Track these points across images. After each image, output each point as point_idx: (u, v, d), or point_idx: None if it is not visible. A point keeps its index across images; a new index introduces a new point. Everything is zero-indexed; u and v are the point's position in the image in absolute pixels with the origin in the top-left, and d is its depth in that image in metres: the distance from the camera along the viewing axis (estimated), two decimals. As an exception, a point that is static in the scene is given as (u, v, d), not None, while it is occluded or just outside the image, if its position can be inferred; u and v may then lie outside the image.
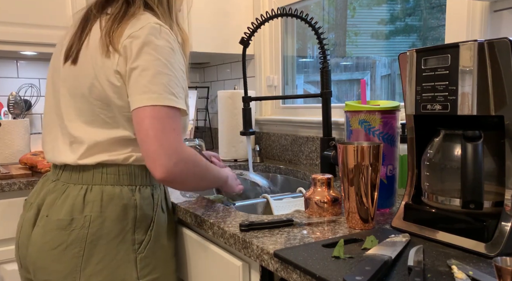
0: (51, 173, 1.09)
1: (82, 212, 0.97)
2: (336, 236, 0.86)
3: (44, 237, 0.98)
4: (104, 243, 0.97)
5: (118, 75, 0.95)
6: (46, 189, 1.04)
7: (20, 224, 1.08)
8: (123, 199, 1.00)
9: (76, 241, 0.96)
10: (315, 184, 1.04)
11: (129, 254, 0.99)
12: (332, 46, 1.91)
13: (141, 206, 1.02)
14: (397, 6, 1.65)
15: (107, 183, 1.00)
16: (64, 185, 1.02)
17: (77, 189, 1.00)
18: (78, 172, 1.01)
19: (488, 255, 0.72)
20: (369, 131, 1.02)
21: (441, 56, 0.79)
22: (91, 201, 0.98)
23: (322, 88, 1.48)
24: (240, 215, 1.03)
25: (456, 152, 0.80)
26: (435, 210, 0.83)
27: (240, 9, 2.05)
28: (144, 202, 1.03)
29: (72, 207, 0.98)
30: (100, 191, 0.99)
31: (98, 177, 1.00)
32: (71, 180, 1.01)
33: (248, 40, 1.48)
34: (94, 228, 0.97)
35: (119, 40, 0.94)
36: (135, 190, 1.02)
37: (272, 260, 0.78)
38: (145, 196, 1.03)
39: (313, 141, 1.70)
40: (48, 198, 1.02)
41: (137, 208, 1.01)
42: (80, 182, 1.00)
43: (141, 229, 1.02)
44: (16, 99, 1.92)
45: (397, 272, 0.67)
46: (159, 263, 1.04)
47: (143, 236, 1.02)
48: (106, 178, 1.00)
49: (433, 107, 0.80)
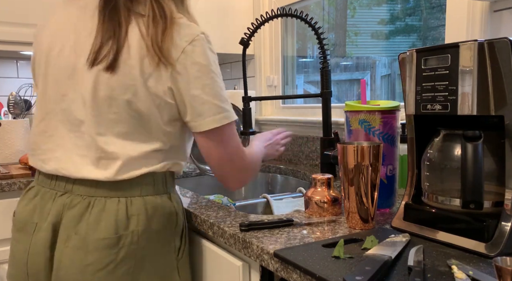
0: (45, 184, 0.97)
1: (127, 227, 0.91)
2: (336, 236, 0.86)
3: (86, 258, 0.89)
4: (152, 255, 0.94)
5: (170, 91, 0.92)
6: (55, 205, 0.93)
7: (21, 249, 0.95)
8: (165, 208, 0.97)
9: (126, 258, 0.90)
10: (315, 184, 1.04)
11: (173, 261, 0.99)
12: (332, 46, 1.91)
13: (178, 212, 1.00)
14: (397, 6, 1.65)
15: (147, 193, 0.95)
16: (86, 199, 0.92)
17: (113, 203, 0.92)
18: (108, 185, 0.92)
19: (488, 255, 0.71)
20: (369, 131, 1.02)
21: (441, 56, 0.79)
22: (135, 214, 0.92)
23: (322, 88, 1.48)
24: (240, 215, 1.03)
25: (456, 152, 0.80)
26: (435, 210, 0.83)
27: (240, 9, 2.05)
28: (178, 207, 1.01)
29: (116, 223, 0.90)
30: (143, 203, 0.94)
31: (136, 189, 0.94)
32: (96, 193, 0.92)
33: (248, 40, 1.48)
34: (143, 243, 0.92)
35: (170, 53, 0.90)
36: (171, 197, 1.00)
37: (272, 260, 0.78)
38: (178, 201, 1.03)
39: (313, 141, 1.70)
40: (68, 215, 0.92)
41: (177, 215, 0.99)
42: (114, 195, 0.92)
43: (178, 234, 1.01)
44: (16, 99, 1.92)
45: (397, 272, 0.67)
46: (188, 263, 1.05)
47: (180, 241, 1.01)
48: (146, 189, 0.95)
49: (433, 107, 0.80)
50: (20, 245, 0.96)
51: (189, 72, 0.91)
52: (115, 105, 0.91)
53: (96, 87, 0.91)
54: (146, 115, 0.92)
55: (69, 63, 0.94)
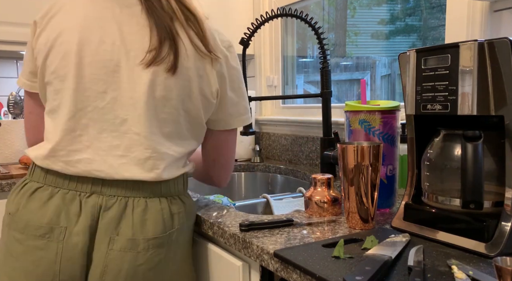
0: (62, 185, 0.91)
1: (172, 226, 0.93)
2: (336, 236, 0.86)
3: (137, 259, 0.88)
4: (185, 252, 1.00)
5: (216, 93, 0.99)
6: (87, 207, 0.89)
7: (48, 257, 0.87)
8: (191, 206, 1.03)
9: (172, 256, 0.93)
10: (315, 184, 1.04)
11: (190, 255, 1.04)
12: (332, 46, 1.91)
13: (190, 212, 1.03)
14: (397, 6, 1.65)
15: (180, 193, 0.99)
16: (122, 200, 0.90)
17: (155, 202, 0.91)
18: (146, 185, 0.91)
19: (488, 255, 0.71)
20: (369, 131, 1.02)
21: (441, 56, 0.79)
22: (176, 213, 0.95)
23: (322, 88, 1.48)
24: (240, 215, 1.03)
25: (456, 152, 0.80)
26: (435, 210, 0.83)
27: (240, 9, 2.05)
28: (189, 208, 1.02)
29: (164, 222, 0.91)
30: (181, 202, 0.97)
31: (173, 189, 0.96)
32: (133, 193, 0.90)
33: (248, 40, 1.48)
34: (183, 239, 0.97)
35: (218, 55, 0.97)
36: (188, 196, 1.04)
37: (272, 260, 0.78)
38: (187, 203, 1.02)
39: (313, 141, 1.70)
40: (105, 217, 0.88)
41: (192, 216, 1.04)
42: (153, 195, 0.92)
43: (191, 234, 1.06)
44: (16, 99, 1.92)
45: (397, 272, 0.67)
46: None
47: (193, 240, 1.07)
48: (179, 189, 0.99)
49: (433, 107, 0.80)
50: (45, 252, 0.88)
51: (229, 75, 1.00)
52: (169, 105, 0.92)
53: (153, 87, 0.89)
54: (194, 115, 0.97)
55: (112, 59, 0.90)
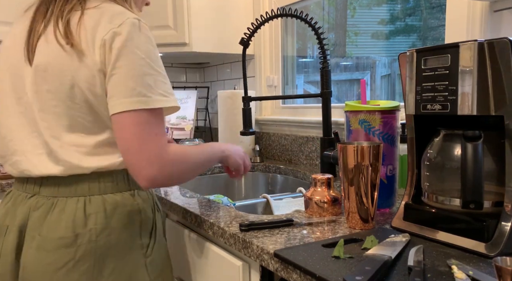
0: (19, 188, 0.99)
1: (85, 225, 0.91)
2: (336, 236, 0.86)
3: (46, 258, 0.90)
4: (114, 254, 0.93)
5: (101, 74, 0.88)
6: (23, 207, 0.94)
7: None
8: (126, 206, 0.95)
9: (84, 256, 0.90)
10: (315, 184, 1.04)
11: (140, 259, 0.96)
12: (332, 46, 1.91)
13: (144, 209, 0.98)
14: (397, 6, 1.65)
15: (106, 191, 0.94)
16: (50, 200, 0.93)
17: (72, 202, 0.92)
18: (69, 184, 0.93)
19: (488, 255, 0.72)
20: (369, 131, 1.02)
21: (441, 56, 0.79)
22: (93, 212, 0.92)
23: (322, 88, 1.48)
24: (240, 215, 1.03)
25: (456, 152, 0.80)
26: (435, 210, 0.83)
27: (240, 9, 2.05)
28: (145, 205, 0.99)
29: (74, 222, 0.91)
30: (101, 201, 0.93)
31: (94, 187, 0.94)
32: (59, 193, 0.93)
33: (248, 40, 1.48)
34: (102, 240, 0.92)
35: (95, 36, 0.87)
36: (135, 194, 0.98)
37: (272, 260, 0.78)
38: (145, 198, 1.00)
39: (313, 141, 1.70)
40: (33, 216, 0.92)
41: (141, 212, 0.98)
42: (74, 194, 0.93)
43: (146, 232, 0.99)
44: (16, 99, 1.92)
45: (397, 272, 0.67)
46: (164, 263, 1.03)
47: (148, 239, 0.99)
48: (104, 187, 0.94)
49: (433, 107, 0.80)
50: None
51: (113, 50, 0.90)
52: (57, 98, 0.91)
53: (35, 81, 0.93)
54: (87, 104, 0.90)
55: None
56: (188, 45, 1.93)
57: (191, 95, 2.35)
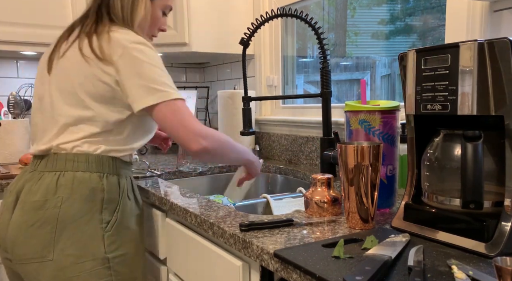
0: (30, 165, 1.20)
1: (55, 194, 1.09)
2: (336, 236, 0.86)
3: (22, 217, 1.10)
4: (74, 221, 1.08)
5: None
6: (24, 179, 1.16)
7: (0, 210, 1.19)
8: (91, 183, 1.12)
9: (49, 219, 1.08)
10: (315, 184, 1.04)
11: (97, 231, 1.10)
12: (332, 46, 1.91)
13: (108, 190, 1.13)
14: (397, 6, 1.65)
15: (78, 169, 1.12)
16: (40, 173, 1.13)
17: (51, 175, 1.12)
18: (52, 160, 1.13)
19: (488, 255, 0.72)
20: (369, 131, 1.02)
21: (441, 56, 0.79)
22: (63, 184, 1.10)
23: (322, 88, 1.48)
24: (240, 215, 1.03)
25: (456, 152, 0.80)
26: (435, 210, 0.83)
27: (240, 9, 2.05)
28: (111, 187, 1.14)
29: (47, 190, 1.09)
30: (72, 176, 1.11)
31: (70, 165, 1.12)
32: (46, 168, 1.13)
33: (248, 40, 1.48)
34: (65, 208, 1.08)
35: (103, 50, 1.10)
36: (103, 176, 1.14)
37: (272, 260, 0.78)
38: (112, 182, 1.15)
39: (313, 141, 1.70)
40: (26, 186, 1.13)
41: (104, 191, 1.13)
42: (54, 169, 1.12)
43: (108, 210, 1.13)
44: (16, 99, 1.92)
45: (397, 272, 0.67)
46: (126, 243, 1.15)
47: (110, 216, 1.13)
48: (77, 165, 1.12)
49: (433, 107, 0.80)
50: (0, 206, 1.20)
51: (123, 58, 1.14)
52: None
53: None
54: None
55: None
56: (188, 45, 1.93)
57: (191, 95, 2.35)
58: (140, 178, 1.55)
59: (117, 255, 1.13)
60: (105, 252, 1.10)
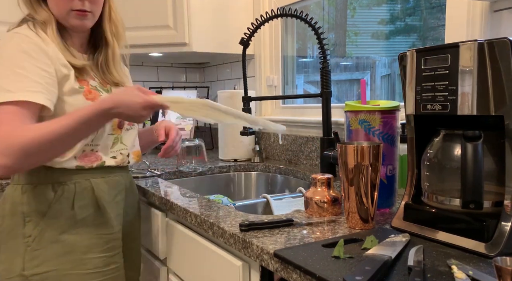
0: None
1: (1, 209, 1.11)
2: (336, 236, 0.86)
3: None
4: (3, 237, 1.08)
5: None
6: None
7: None
8: (13, 197, 1.09)
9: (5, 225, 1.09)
10: (315, 184, 1.04)
11: (20, 247, 1.06)
12: (332, 46, 1.91)
13: (28, 202, 1.07)
14: (397, 6, 1.65)
15: (13, 183, 1.12)
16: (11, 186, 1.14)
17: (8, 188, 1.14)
18: None
19: (488, 255, 0.71)
20: (369, 131, 1.02)
21: (441, 56, 0.79)
22: (2, 200, 1.12)
23: (322, 88, 1.48)
24: (240, 215, 1.03)
25: (456, 152, 0.80)
26: (435, 210, 0.83)
27: (240, 9, 2.05)
28: (34, 198, 1.07)
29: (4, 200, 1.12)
30: (4, 192, 1.13)
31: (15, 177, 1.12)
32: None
33: (248, 40, 1.48)
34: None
35: None
36: (22, 188, 1.08)
37: (272, 260, 0.78)
38: (38, 192, 1.07)
39: (313, 141, 1.70)
40: None
41: (23, 204, 1.07)
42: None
43: (32, 223, 1.06)
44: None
45: (397, 272, 0.67)
46: (50, 258, 1.05)
47: (33, 230, 1.06)
48: (13, 177, 1.12)
49: (433, 107, 0.80)
50: None
51: None
52: None
53: None
54: None
55: None
56: (188, 45, 1.93)
57: (191, 95, 2.35)
58: (140, 178, 1.55)
59: (37, 272, 1.04)
60: (23, 268, 1.04)
